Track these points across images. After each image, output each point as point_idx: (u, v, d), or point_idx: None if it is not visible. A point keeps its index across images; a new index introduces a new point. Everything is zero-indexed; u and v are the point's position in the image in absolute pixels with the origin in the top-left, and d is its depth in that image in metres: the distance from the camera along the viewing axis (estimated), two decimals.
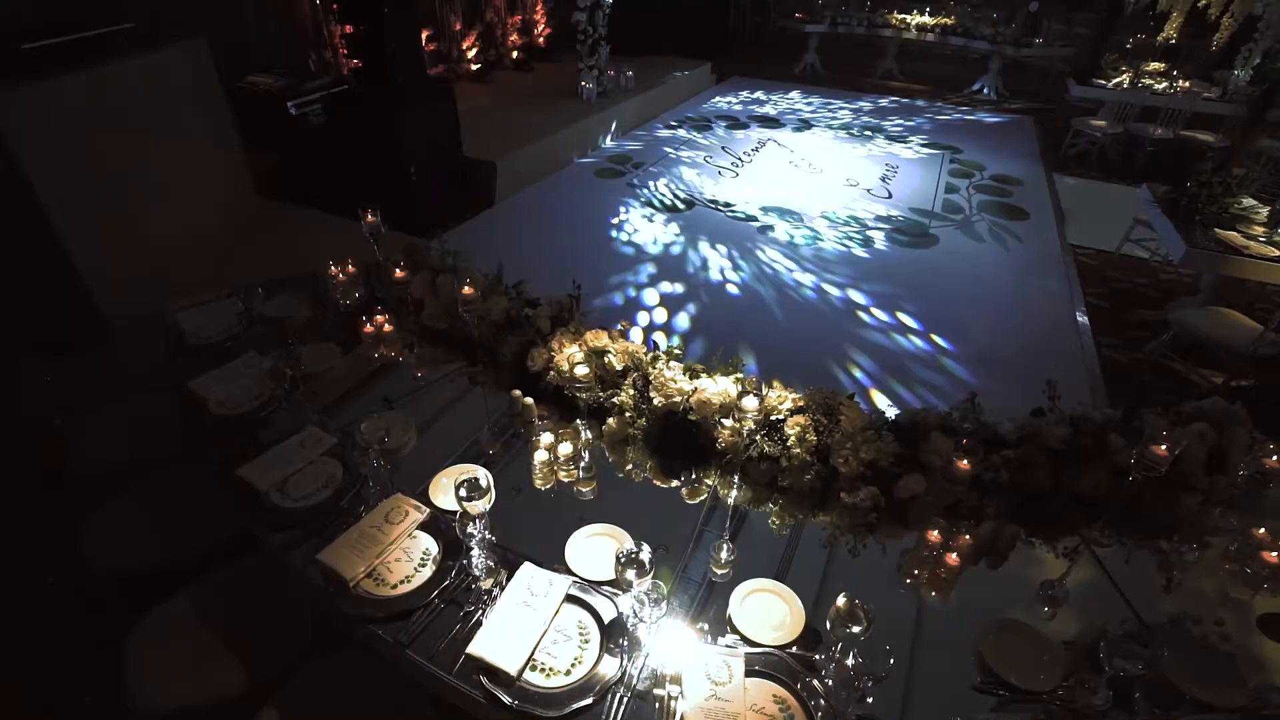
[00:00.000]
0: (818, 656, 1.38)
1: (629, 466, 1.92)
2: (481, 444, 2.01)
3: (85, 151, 3.49)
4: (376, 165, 4.94)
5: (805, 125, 8.22)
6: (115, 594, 1.89)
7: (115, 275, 3.51)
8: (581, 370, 1.87)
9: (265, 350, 2.26)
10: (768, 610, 1.49)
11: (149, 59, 3.68)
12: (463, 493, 1.46)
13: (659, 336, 4.07)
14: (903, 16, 10.48)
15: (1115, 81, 7.62)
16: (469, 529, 1.51)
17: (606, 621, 1.45)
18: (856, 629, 1.24)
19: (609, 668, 1.36)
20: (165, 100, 3.87)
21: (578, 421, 1.99)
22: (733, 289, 4.61)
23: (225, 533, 1.97)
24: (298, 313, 2.52)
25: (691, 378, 1.94)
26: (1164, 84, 7.36)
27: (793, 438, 1.76)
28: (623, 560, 1.33)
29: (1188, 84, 7.37)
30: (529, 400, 2.01)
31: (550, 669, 1.35)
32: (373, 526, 1.60)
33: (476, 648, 1.35)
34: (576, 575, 1.56)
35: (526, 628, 1.40)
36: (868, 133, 7.96)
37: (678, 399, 1.86)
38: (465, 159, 5.56)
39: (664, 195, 6.02)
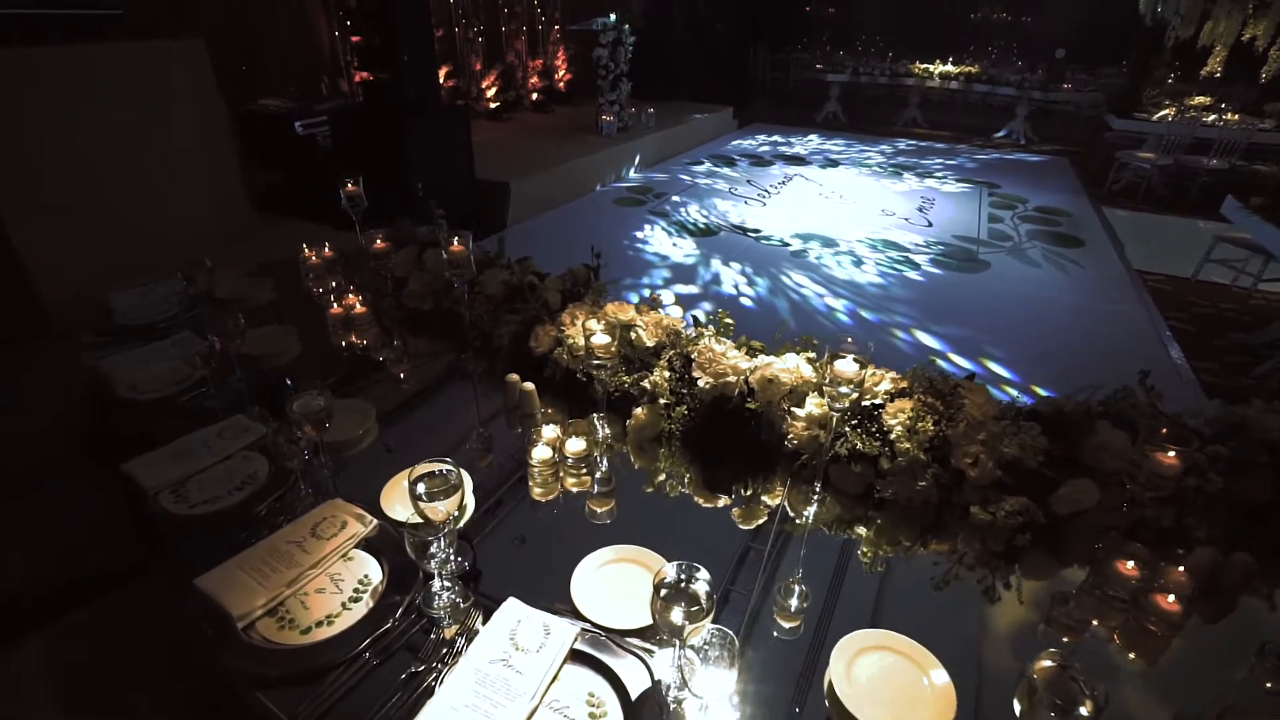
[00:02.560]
0: None
1: (660, 477, 1.41)
2: (472, 453, 1.51)
3: (42, 138, 3.17)
4: (382, 178, 4.61)
5: (832, 164, 7.92)
6: None
7: (73, 272, 3.12)
8: (601, 340, 1.39)
9: (207, 335, 1.81)
10: (889, 679, 0.95)
11: (131, 48, 3.40)
12: (420, 489, 0.97)
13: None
14: (926, 66, 10.38)
15: (1159, 115, 7.29)
16: (430, 547, 1.01)
17: (634, 695, 0.92)
18: (1084, 712, 0.71)
19: None
20: (151, 95, 3.57)
21: (594, 415, 1.49)
22: (747, 302, 4.22)
23: (113, 555, 1.46)
24: (255, 295, 2.08)
25: (749, 355, 1.45)
26: (1213, 116, 7.02)
27: (898, 429, 1.24)
28: (664, 592, 0.82)
29: (1236, 117, 7.04)
30: (529, 386, 1.52)
31: None
32: (290, 542, 1.09)
33: None
34: (587, 621, 1.03)
35: (504, 703, 0.87)
36: (897, 171, 7.63)
37: (732, 379, 1.36)
38: (477, 180, 5.25)
39: (689, 220, 5.66)
